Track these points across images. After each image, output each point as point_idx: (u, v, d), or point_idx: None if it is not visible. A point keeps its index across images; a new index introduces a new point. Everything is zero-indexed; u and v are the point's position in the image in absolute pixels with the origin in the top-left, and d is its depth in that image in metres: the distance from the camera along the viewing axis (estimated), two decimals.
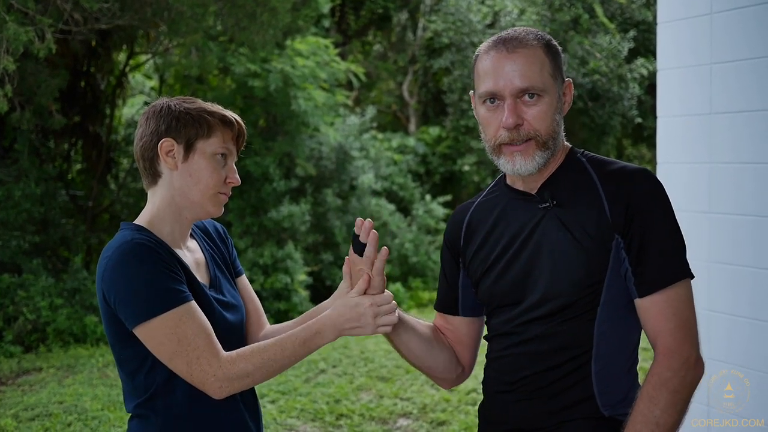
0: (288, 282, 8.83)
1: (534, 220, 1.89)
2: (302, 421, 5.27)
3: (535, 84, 1.81)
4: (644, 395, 1.76)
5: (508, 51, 1.83)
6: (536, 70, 1.82)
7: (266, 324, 2.15)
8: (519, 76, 1.81)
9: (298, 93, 9.33)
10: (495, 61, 1.83)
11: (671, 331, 1.78)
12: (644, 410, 1.75)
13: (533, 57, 1.83)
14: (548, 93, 1.83)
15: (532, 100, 1.82)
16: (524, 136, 1.83)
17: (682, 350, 1.78)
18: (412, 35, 13.89)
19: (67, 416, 5.26)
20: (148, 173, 1.92)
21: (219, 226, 2.16)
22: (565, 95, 1.90)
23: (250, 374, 1.80)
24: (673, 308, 1.80)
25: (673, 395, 1.75)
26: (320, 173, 10.05)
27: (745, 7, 3.62)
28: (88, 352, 7.09)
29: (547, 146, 1.84)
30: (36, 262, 7.66)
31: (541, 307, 1.85)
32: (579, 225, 1.83)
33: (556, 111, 1.86)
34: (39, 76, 7.21)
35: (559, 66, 1.88)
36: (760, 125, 3.59)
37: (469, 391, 5.71)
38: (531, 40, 1.85)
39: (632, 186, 1.82)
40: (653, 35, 12.70)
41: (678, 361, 1.77)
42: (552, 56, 1.86)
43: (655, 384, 1.76)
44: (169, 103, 1.92)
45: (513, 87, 1.81)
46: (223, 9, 7.30)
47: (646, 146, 15.14)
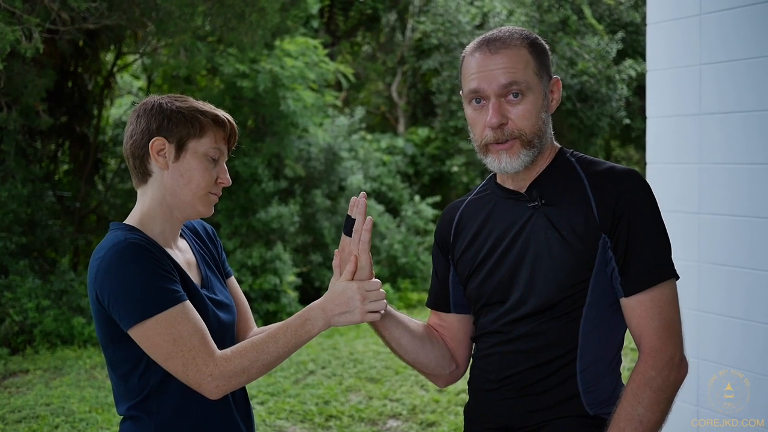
0: (277, 283, 8.81)
1: (522, 219, 1.90)
2: (291, 423, 5.25)
3: (518, 80, 1.83)
4: (628, 393, 1.79)
5: (491, 51, 1.85)
6: (520, 67, 1.84)
7: (254, 326, 2.15)
8: (502, 74, 1.83)
9: (286, 93, 9.31)
10: (479, 61, 1.86)
11: (656, 330, 1.80)
12: (628, 408, 1.77)
13: (516, 56, 1.84)
14: (532, 91, 1.85)
15: (516, 99, 1.84)
16: (508, 135, 1.85)
17: (666, 349, 1.80)
18: (401, 36, 13.88)
19: (54, 418, 5.23)
20: (138, 172, 1.90)
21: (208, 226, 2.15)
22: (553, 93, 1.92)
23: (246, 369, 1.79)
24: (658, 308, 1.81)
25: (656, 394, 1.77)
26: (309, 174, 10.03)
27: (733, 8, 3.64)
28: (75, 353, 7.04)
29: (532, 144, 1.86)
30: (23, 263, 7.60)
31: (528, 306, 1.87)
32: (567, 224, 1.84)
33: (542, 109, 1.87)
34: (26, 76, 7.16)
35: (545, 64, 1.89)
36: (750, 126, 3.60)
37: (458, 392, 5.71)
38: (515, 39, 1.87)
39: (620, 186, 1.83)
40: (641, 36, 12.75)
41: (662, 360, 1.79)
42: (537, 54, 1.88)
43: (640, 382, 1.78)
44: (160, 101, 1.89)
45: (497, 85, 1.83)
46: (212, 9, 7.26)
47: (634, 147, 15.19)
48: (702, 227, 3.78)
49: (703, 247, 3.78)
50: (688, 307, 3.88)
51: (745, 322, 3.60)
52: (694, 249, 3.81)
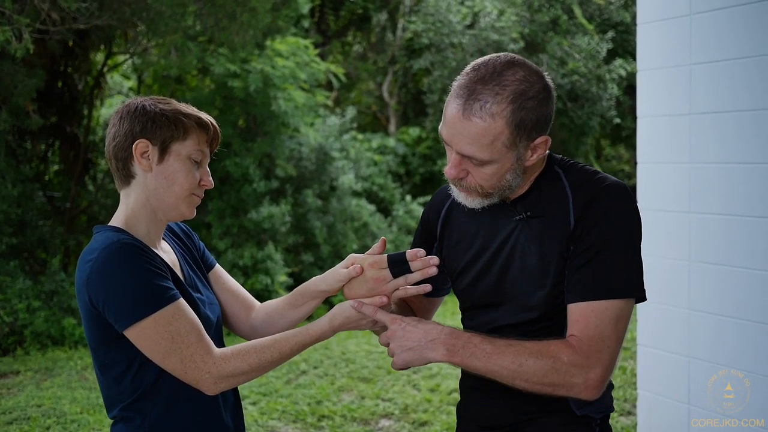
0: (268, 283, 8.80)
1: (507, 230, 1.88)
2: (284, 423, 5.25)
3: (480, 157, 1.73)
4: (534, 345, 1.71)
5: (464, 113, 1.71)
6: (485, 143, 1.71)
7: (254, 303, 2.14)
8: (466, 143, 1.72)
9: (278, 93, 9.30)
10: (453, 113, 1.73)
11: (587, 339, 1.70)
12: (522, 352, 1.70)
13: (485, 131, 1.70)
14: (498, 161, 1.74)
15: (478, 162, 1.75)
16: (466, 187, 1.81)
17: (589, 357, 1.69)
18: (392, 36, 13.89)
19: (45, 420, 5.21)
20: (121, 174, 1.89)
21: (181, 223, 2.14)
22: (534, 150, 1.77)
23: (245, 373, 1.80)
24: (597, 320, 1.71)
25: (551, 372, 1.69)
26: (300, 174, 10.02)
27: (723, 9, 3.66)
28: (66, 354, 7.02)
29: (491, 195, 1.81)
30: (13, 264, 7.57)
31: (513, 317, 1.87)
32: (548, 239, 1.81)
33: (509, 171, 1.77)
34: (16, 76, 7.13)
35: (525, 130, 1.72)
36: (739, 125, 3.62)
37: (450, 391, 5.72)
38: (496, 104, 1.69)
39: (599, 201, 1.77)
40: (632, 36, 12.79)
41: (579, 360, 1.69)
42: (516, 125, 1.70)
43: (544, 347, 1.71)
44: (143, 103, 1.89)
45: (459, 148, 1.74)
46: (203, 9, 7.25)
47: (625, 147, 15.24)
48: (693, 226, 3.80)
49: (694, 246, 3.80)
50: (678, 305, 3.90)
51: (738, 321, 3.61)
52: (685, 248, 3.83)
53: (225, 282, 2.12)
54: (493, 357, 1.71)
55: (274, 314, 2.08)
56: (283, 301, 2.08)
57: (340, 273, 1.93)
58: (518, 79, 1.71)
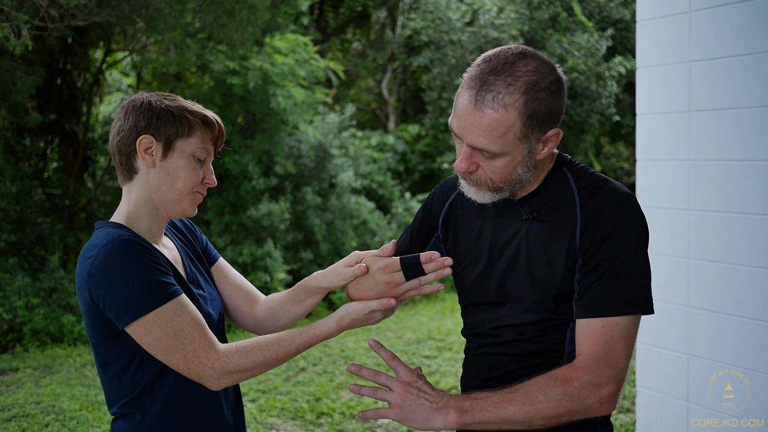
0: (267, 280, 8.80)
1: (513, 229, 1.87)
2: (283, 420, 5.25)
3: (491, 149, 1.71)
4: (539, 380, 1.70)
5: (476, 104, 1.68)
6: (497, 134, 1.69)
7: (259, 297, 2.14)
8: (477, 135, 1.70)
9: (277, 91, 9.29)
10: (464, 105, 1.70)
11: (596, 355, 1.70)
12: (530, 391, 1.69)
13: (497, 122, 1.67)
14: (509, 154, 1.72)
15: (489, 155, 1.73)
16: (476, 181, 1.79)
17: (599, 374, 1.69)
18: (391, 33, 13.88)
19: (44, 417, 5.21)
20: (124, 169, 1.89)
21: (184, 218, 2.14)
22: (546, 144, 1.76)
23: (249, 369, 1.80)
24: (607, 336, 1.71)
25: (564, 400, 1.67)
26: (299, 171, 10.02)
27: (722, 6, 3.65)
28: (65, 351, 7.02)
29: (502, 190, 1.79)
30: (12, 261, 7.57)
31: (516, 317, 1.86)
32: (553, 243, 1.80)
33: (520, 164, 1.75)
34: (14, 73, 7.11)
35: (537, 121, 1.70)
36: (739, 122, 3.62)
37: (449, 388, 5.72)
38: (509, 95, 1.67)
39: (609, 214, 1.75)
40: (631, 33, 12.79)
41: (589, 379, 1.69)
42: (528, 116, 1.68)
43: (555, 377, 1.69)
44: (149, 98, 1.88)
45: (470, 140, 1.72)
46: (202, 6, 7.24)
47: (624, 144, 15.24)
48: (692, 223, 3.80)
49: (693, 244, 3.80)
50: (678, 303, 3.90)
51: (737, 318, 3.61)
52: (685, 245, 3.83)
53: (228, 275, 2.12)
54: (503, 405, 1.68)
55: (278, 309, 2.08)
56: (286, 295, 2.08)
57: (344, 271, 1.92)
58: (530, 70, 1.69)
